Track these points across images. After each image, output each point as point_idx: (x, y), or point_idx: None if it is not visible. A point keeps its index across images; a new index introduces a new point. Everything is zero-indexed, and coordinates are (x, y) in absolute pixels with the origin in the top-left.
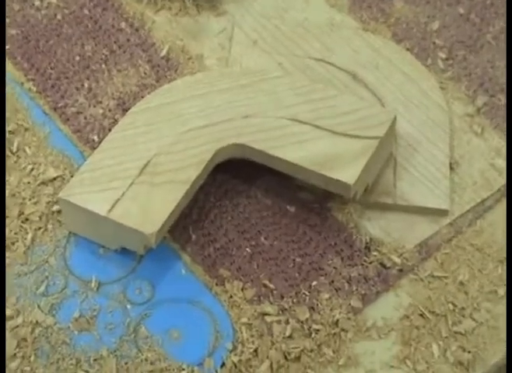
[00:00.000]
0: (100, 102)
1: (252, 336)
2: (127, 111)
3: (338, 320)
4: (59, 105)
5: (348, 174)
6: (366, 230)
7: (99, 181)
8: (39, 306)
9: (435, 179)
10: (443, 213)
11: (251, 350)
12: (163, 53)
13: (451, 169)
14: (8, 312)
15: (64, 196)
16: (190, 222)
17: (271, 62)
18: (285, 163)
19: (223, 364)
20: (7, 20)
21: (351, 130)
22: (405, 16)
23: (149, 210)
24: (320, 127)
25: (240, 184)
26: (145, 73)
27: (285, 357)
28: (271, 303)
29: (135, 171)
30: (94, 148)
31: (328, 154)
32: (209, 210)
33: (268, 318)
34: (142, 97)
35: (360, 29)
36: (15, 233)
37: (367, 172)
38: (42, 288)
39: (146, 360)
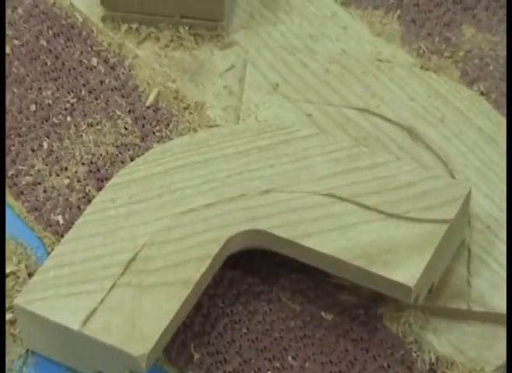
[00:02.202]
0: (65, 169)
1: None
2: (102, 182)
3: None
4: (9, 173)
5: (406, 272)
6: (431, 346)
7: (68, 282)
8: None
9: None
10: None
11: None
12: (150, 100)
13: None
14: None
15: (21, 302)
16: (191, 336)
17: (298, 114)
18: (319, 256)
19: None
20: None
21: (409, 210)
22: (479, 48)
23: (138, 323)
24: (368, 207)
25: (257, 284)
26: (125, 128)
27: None
28: None
29: (118, 268)
30: (59, 234)
31: (379, 244)
32: (217, 319)
33: None
34: (123, 162)
35: (417, 67)
36: None
37: (433, 267)
38: None
39: None
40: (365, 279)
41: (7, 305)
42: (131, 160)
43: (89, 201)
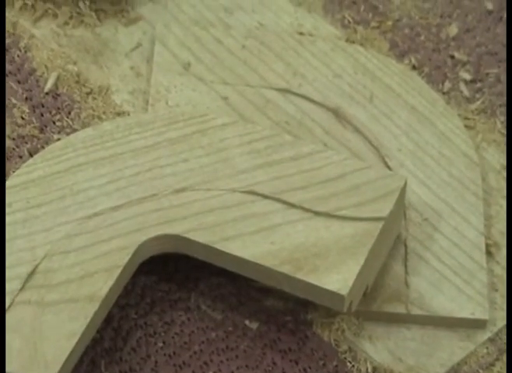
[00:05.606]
0: None
1: None
2: None
3: None
4: None
5: (338, 279)
6: (367, 355)
7: None
8: None
9: (465, 273)
10: (479, 324)
11: None
12: (49, 85)
13: (489, 254)
14: None
15: None
16: (101, 353)
17: (213, 97)
18: (240, 262)
19: None
20: None
21: (339, 208)
22: (408, 16)
23: (40, 345)
24: (293, 205)
25: (174, 290)
26: (22, 118)
27: None
28: None
29: (16, 283)
30: None
31: (307, 247)
32: (129, 332)
33: None
34: (20, 156)
35: (342, 40)
36: None
37: (367, 270)
38: None
39: None
40: (292, 286)
41: None
42: (30, 154)
43: None
